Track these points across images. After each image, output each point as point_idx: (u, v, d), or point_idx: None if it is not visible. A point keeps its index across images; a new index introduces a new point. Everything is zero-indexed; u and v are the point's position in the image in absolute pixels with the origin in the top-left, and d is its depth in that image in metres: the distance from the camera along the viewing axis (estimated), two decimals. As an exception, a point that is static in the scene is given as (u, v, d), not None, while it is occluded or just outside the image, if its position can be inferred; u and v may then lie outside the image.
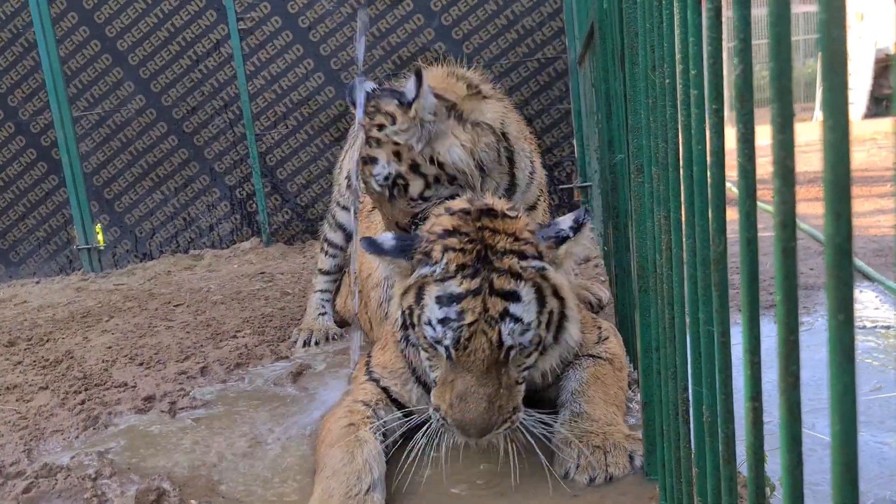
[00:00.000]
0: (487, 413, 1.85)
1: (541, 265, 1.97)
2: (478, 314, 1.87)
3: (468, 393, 1.86)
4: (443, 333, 1.88)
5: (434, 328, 1.90)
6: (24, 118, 6.24)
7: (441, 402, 1.93)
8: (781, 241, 0.68)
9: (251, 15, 6.03)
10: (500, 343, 1.88)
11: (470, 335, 1.87)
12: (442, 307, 1.90)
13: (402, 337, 2.11)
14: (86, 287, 5.71)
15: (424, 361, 2.04)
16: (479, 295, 1.89)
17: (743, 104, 0.80)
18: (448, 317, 1.88)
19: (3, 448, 2.49)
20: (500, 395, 1.91)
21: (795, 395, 0.71)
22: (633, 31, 1.77)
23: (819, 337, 2.83)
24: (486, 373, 1.88)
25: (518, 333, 1.90)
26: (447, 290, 1.91)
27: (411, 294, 2.01)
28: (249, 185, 6.30)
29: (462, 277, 1.91)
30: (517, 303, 1.90)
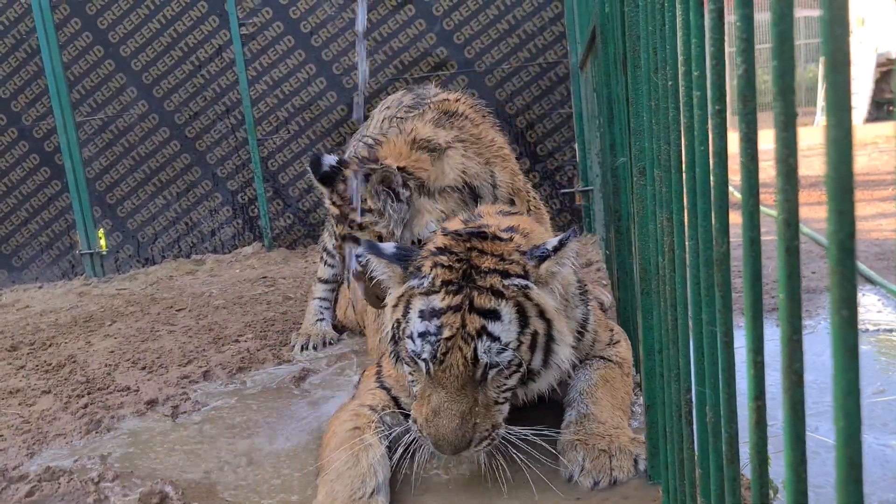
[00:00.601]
0: (460, 430, 1.86)
1: (524, 283, 1.97)
2: (455, 329, 1.90)
3: (441, 409, 1.88)
4: (421, 347, 1.92)
5: (414, 342, 1.94)
6: (27, 123, 6.26)
7: (418, 416, 1.95)
8: (785, 239, 0.68)
9: (253, 20, 6.05)
10: (475, 360, 1.89)
11: (446, 350, 1.89)
12: (423, 321, 1.94)
13: (392, 352, 2.12)
14: (88, 292, 5.72)
15: (408, 375, 2.06)
16: (459, 311, 1.91)
17: (746, 104, 0.81)
18: (428, 331, 1.91)
19: (6, 452, 2.50)
20: (475, 412, 1.91)
21: (799, 393, 0.71)
22: (636, 34, 1.77)
23: (821, 340, 2.83)
24: (460, 390, 1.90)
25: (495, 352, 1.90)
26: (430, 304, 1.95)
27: (400, 306, 2.04)
28: (251, 190, 6.31)
29: (445, 293, 1.94)
30: (496, 321, 1.91)
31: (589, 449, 1.96)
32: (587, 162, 5.76)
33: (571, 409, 2.17)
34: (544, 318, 1.99)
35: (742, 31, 0.79)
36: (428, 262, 2.03)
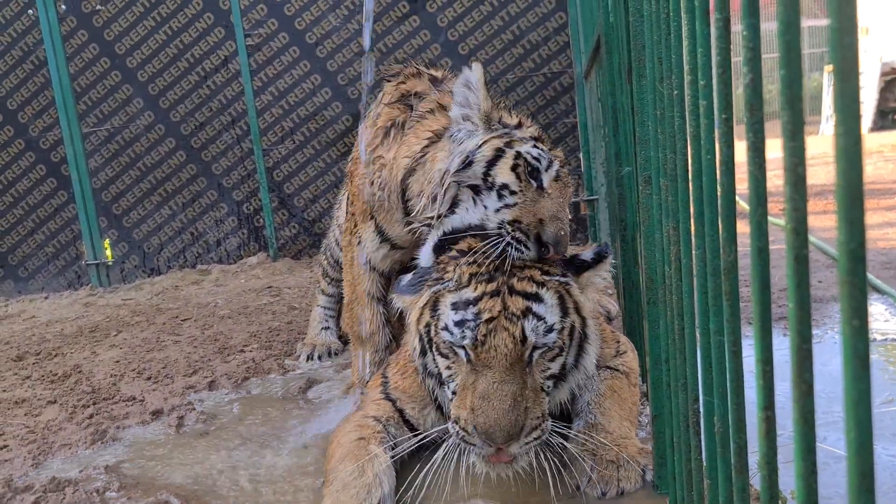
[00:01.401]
0: (513, 412, 1.76)
1: (564, 279, 2.00)
2: (497, 312, 1.87)
3: (490, 392, 1.78)
4: (461, 334, 1.88)
5: (451, 332, 1.90)
6: (34, 135, 6.30)
7: (461, 410, 1.85)
8: (794, 248, 0.68)
9: (259, 31, 6.08)
10: (523, 339, 1.85)
11: (488, 332, 1.85)
12: (458, 311, 1.91)
13: (421, 365, 2.09)
14: (94, 302, 5.73)
15: (444, 371, 1.98)
16: (498, 296, 1.91)
17: (752, 113, 0.81)
18: (465, 318, 1.89)
19: (12, 462, 2.49)
20: (526, 395, 1.83)
21: (809, 403, 0.70)
22: (640, 43, 1.78)
23: (830, 350, 2.82)
24: (509, 370, 1.82)
25: (542, 332, 1.88)
26: (462, 296, 1.94)
27: (426, 312, 2.02)
28: (257, 200, 6.33)
29: (476, 283, 1.94)
30: (539, 303, 1.92)
31: (597, 459, 1.95)
32: (592, 171, 5.76)
33: (579, 420, 2.16)
34: (580, 314, 2.01)
35: (748, 41, 0.79)
36: (449, 266, 2.05)
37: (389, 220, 2.76)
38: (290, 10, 6.03)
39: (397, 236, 2.79)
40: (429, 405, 2.28)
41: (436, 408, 2.29)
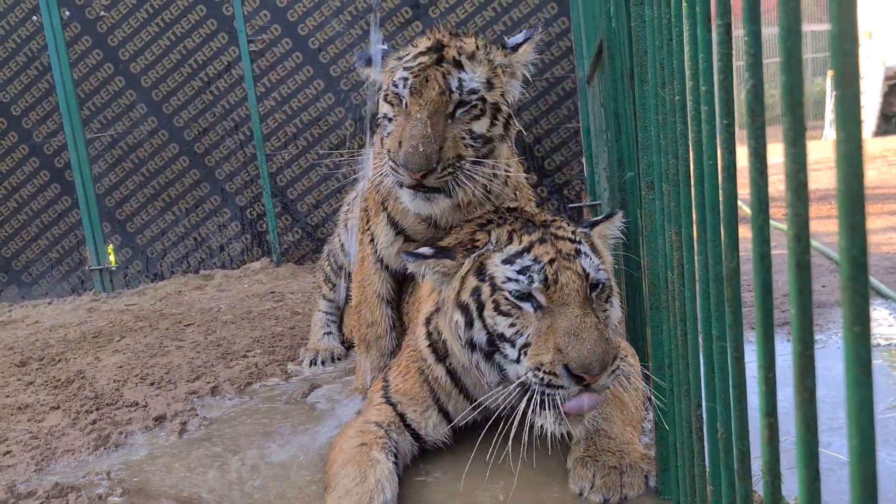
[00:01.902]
0: (602, 341, 1.79)
1: (585, 230, 2.13)
2: (554, 254, 1.93)
3: (577, 326, 1.80)
4: (528, 279, 1.90)
5: (517, 282, 1.91)
6: (38, 140, 6.32)
7: (544, 355, 1.83)
8: (795, 254, 0.68)
9: (262, 37, 6.10)
10: (585, 274, 1.91)
11: (555, 271, 1.89)
12: (514, 263, 1.94)
13: (465, 339, 2.04)
14: (97, 307, 5.74)
15: (507, 330, 1.93)
16: (546, 242, 1.97)
17: (754, 119, 0.81)
18: (526, 265, 1.92)
19: (15, 468, 2.50)
20: (604, 328, 1.86)
21: (812, 409, 0.70)
22: (643, 49, 1.78)
23: (833, 355, 2.81)
24: (584, 304, 1.87)
25: (595, 269, 1.95)
26: (510, 251, 1.98)
27: (470, 278, 2.02)
28: (260, 206, 6.33)
29: (519, 237, 2.01)
30: (582, 246, 2.01)
31: (599, 465, 1.95)
32: (595, 176, 5.76)
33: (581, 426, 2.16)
34: (606, 269, 2.07)
35: (750, 47, 0.79)
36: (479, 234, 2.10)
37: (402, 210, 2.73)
38: (293, 15, 6.05)
39: (410, 226, 2.78)
40: (430, 407, 2.29)
41: (439, 411, 2.29)
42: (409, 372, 2.36)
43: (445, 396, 2.28)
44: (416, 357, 2.34)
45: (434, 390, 2.28)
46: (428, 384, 2.29)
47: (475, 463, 2.23)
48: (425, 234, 2.79)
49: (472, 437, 2.38)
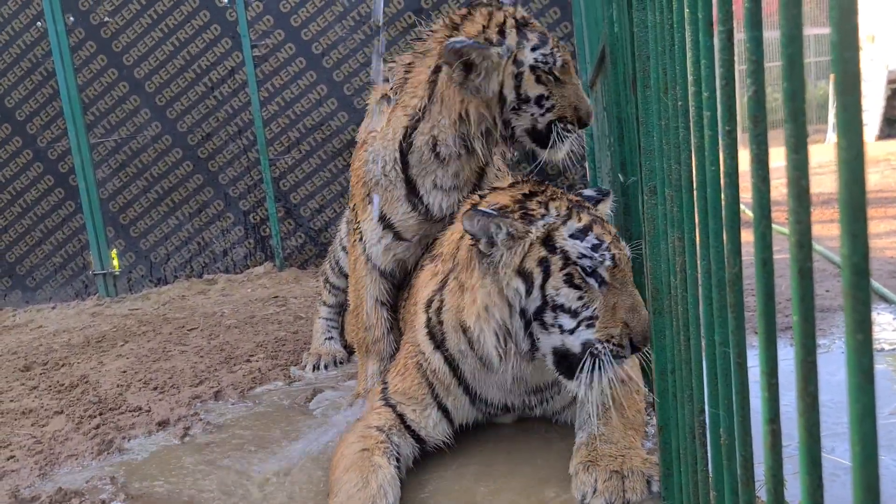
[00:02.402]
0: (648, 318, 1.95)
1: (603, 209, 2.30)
2: (611, 237, 2.05)
3: (637, 304, 2.00)
4: (601, 256, 2.01)
5: (591, 258, 2.01)
6: (42, 145, 6.34)
7: (612, 329, 1.99)
8: (798, 261, 0.68)
9: (265, 42, 6.12)
10: (628, 256, 2.09)
11: (616, 253, 2.02)
12: (583, 240, 2.03)
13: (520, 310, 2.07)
14: (101, 312, 5.75)
15: (575, 303, 2.01)
16: (599, 224, 2.08)
17: (756, 125, 0.81)
18: (595, 243, 2.02)
19: (19, 472, 2.50)
20: None
21: (814, 416, 0.70)
22: (645, 54, 1.78)
23: (836, 359, 2.81)
24: (633, 284, 2.05)
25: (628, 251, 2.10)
26: (575, 226, 2.06)
27: (537, 248, 2.05)
28: (263, 210, 6.34)
29: (577, 215, 2.09)
30: None
31: (601, 470, 1.95)
32: (597, 180, 5.76)
33: (582, 432, 2.16)
34: None
35: (752, 53, 0.79)
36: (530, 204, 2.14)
37: (391, 200, 2.74)
38: (296, 20, 6.07)
39: (400, 221, 2.76)
40: (429, 406, 2.29)
41: (438, 408, 2.29)
42: (406, 369, 2.36)
43: (444, 391, 2.28)
44: (414, 352, 2.35)
45: (432, 385, 2.29)
46: (426, 379, 2.30)
47: (477, 465, 2.23)
48: (416, 230, 2.79)
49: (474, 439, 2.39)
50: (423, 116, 2.62)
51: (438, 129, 2.61)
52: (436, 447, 2.31)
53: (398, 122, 2.67)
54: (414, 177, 2.70)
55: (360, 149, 2.89)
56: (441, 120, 2.59)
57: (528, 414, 2.45)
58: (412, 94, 2.66)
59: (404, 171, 2.70)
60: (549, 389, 2.34)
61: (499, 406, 2.35)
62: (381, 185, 2.76)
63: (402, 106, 2.68)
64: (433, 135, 2.62)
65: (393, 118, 2.70)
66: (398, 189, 2.72)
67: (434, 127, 2.61)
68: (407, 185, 2.72)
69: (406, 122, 2.65)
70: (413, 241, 2.83)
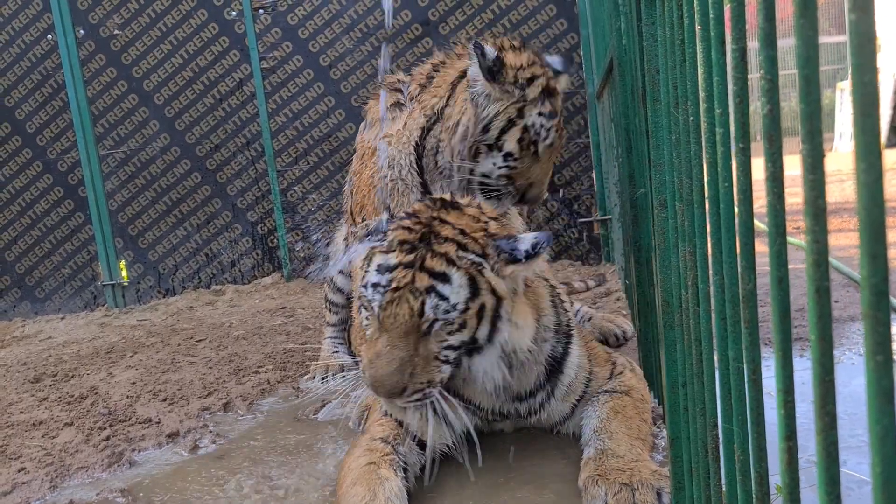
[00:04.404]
0: (397, 374, 1.97)
1: (478, 260, 2.04)
2: (404, 284, 2.00)
3: (382, 353, 1.99)
4: (372, 296, 2.04)
5: (367, 290, 2.06)
6: (52, 157, 6.38)
7: (364, 357, 2.07)
8: (814, 280, 0.68)
9: (273, 54, 6.15)
10: (421, 313, 1.99)
11: (392, 300, 2.00)
12: (378, 274, 2.05)
13: (360, 306, 2.21)
14: (110, 323, 5.77)
15: (364, 321, 2.15)
16: (411, 268, 2.02)
17: (771, 143, 0.81)
18: (379, 283, 2.03)
19: (30, 485, 2.51)
20: (414, 362, 2.00)
21: (833, 435, 0.70)
22: (655, 68, 1.78)
23: (848, 370, 2.79)
24: (402, 337, 2.00)
25: (441, 311, 1.99)
26: (385, 261, 2.07)
27: (364, 265, 2.18)
28: (271, 221, 6.36)
29: (400, 251, 2.06)
30: (445, 283, 2.00)
31: (610, 483, 1.94)
32: (605, 191, 5.76)
33: (588, 447, 2.16)
34: (495, 294, 2.05)
35: (766, 72, 0.80)
36: (394, 225, 2.17)
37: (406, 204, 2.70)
38: (304, 33, 6.11)
39: None
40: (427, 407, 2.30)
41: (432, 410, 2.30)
42: None
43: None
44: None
45: None
46: None
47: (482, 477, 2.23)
48: None
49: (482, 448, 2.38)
50: (439, 117, 2.64)
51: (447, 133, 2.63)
52: (442, 453, 2.31)
53: (415, 122, 2.69)
54: (428, 182, 2.71)
55: (369, 157, 2.89)
56: (447, 122, 2.61)
57: (523, 423, 2.45)
58: (434, 93, 2.69)
59: (420, 174, 2.70)
60: (533, 398, 2.33)
61: (491, 412, 2.36)
62: (397, 190, 2.75)
63: (421, 106, 2.70)
64: (438, 139, 2.64)
65: (410, 120, 2.71)
66: (414, 194, 2.72)
67: (443, 131, 2.63)
68: (423, 190, 2.72)
69: (423, 122, 2.67)
70: None
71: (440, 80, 2.71)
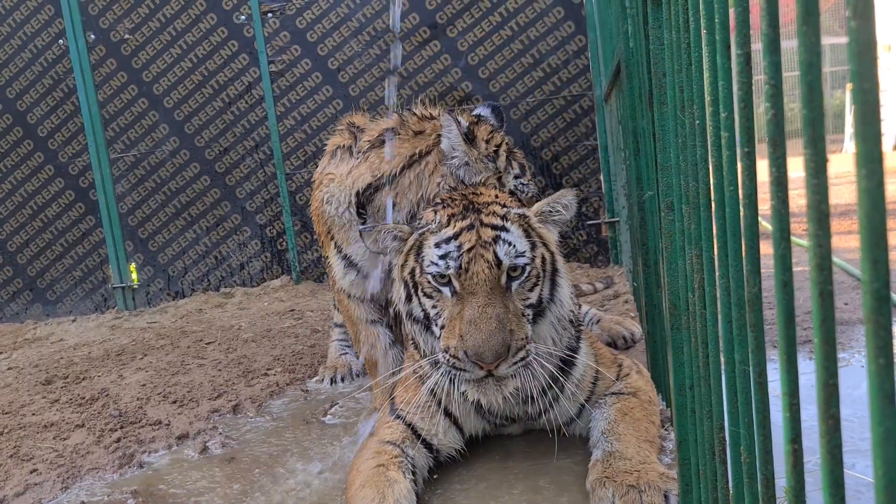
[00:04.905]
0: (500, 333, 1.92)
1: (522, 211, 2.19)
2: (474, 242, 2.04)
3: (477, 317, 1.94)
4: (445, 265, 2.03)
5: (437, 264, 2.05)
6: (64, 160, 6.43)
7: (451, 340, 2.00)
8: (818, 284, 0.69)
9: (282, 58, 6.18)
10: (497, 262, 2.02)
11: (470, 259, 2.01)
12: (441, 247, 2.07)
13: (406, 312, 2.21)
14: (120, 325, 5.81)
15: (431, 311, 2.12)
16: (473, 229, 2.07)
17: (776, 148, 0.82)
18: (447, 251, 2.05)
19: (42, 486, 2.53)
20: (510, 318, 1.99)
21: (836, 438, 0.71)
22: (661, 71, 1.79)
23: (857, 373, 2.78)
24: (490, 293, 1.99)
25: (513, 255, 2.04)
26: (443, 235, 2.10)
27: (411, 257, 2.18)
28: (280, 224, 6.39)
29: (454, 222, 2.11)
30: (506, 232, 2.08)
31: (618, 485, 1.94)
32: (613, 193, 5.76)
33: (596, 449, 2.16)
34: (548, 248, 2.18)
35: (771, 77, 0.80)
36: (429, 210, 2.23)
37: (348, 240, 2.88)
38: (312, 36, 6.13)
39: (361, 259, 2.88)
40: (436, 413, 2.31)
41: (445, 414, 2.31)
42: (409, 381, 2.40)
43: (446, 397, 2.30)
44: (412, 363, 2.39)
45: (434, 391, 2.30)
46: (429, 387, 2.31)
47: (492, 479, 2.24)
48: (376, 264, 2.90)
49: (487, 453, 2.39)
50: (389, 182, 2.77)
51: (400, 199, 2.74)
52: (449, 457, 2.33)
53: (362, 177, 2.80)
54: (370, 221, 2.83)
55: (316, 189, 3.06)
56: (407, 195, 2.72)
57: (532, 425, 2.45)
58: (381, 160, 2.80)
59: (359, 214, 2.83)
60: (541, 398, 2.33)
61: (501, 415, 2.36)
62: (336, 224, 2.91)
63: (370, 164, 2.82)
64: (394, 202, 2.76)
65: (356, 171, 2.83)
66: (354, 230, 2.85)
67: (399, 195, 2.75)
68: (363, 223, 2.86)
69: (370, 179, 2.78)
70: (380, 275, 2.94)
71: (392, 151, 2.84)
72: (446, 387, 2.07)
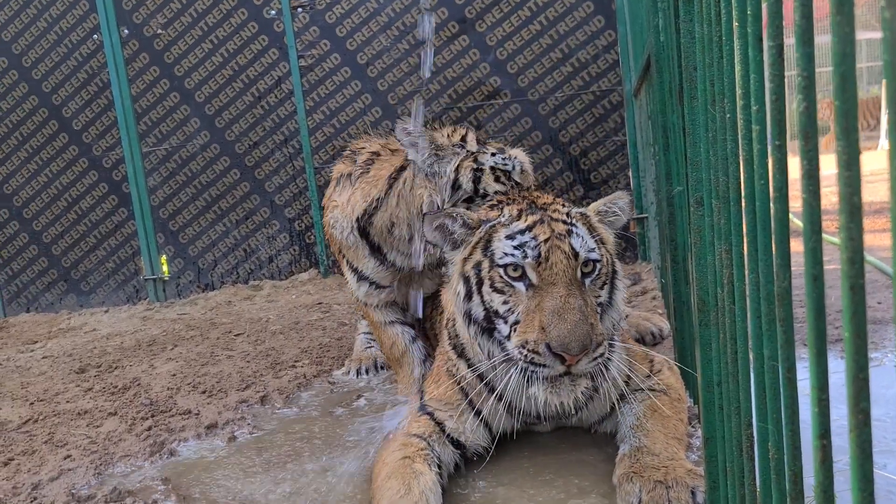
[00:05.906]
0: (584, 324, 1.89)
1: (583, 210, 2.24)
2: (549, 234, 2.05)
3: (562, 307, 1.91)
4: (522, 254, 2.02)
5: (513, 255, 2.04)
6: (97, 154, 6.54)
7: (529, 334, 1.96)
8: (849, 277, 0.68)
9: (311, 52, 6.22)
10: (575, 253, 2.02)
11: (548, 249, 2.01)
12: (515, 238, 2.07)
13: (464, 312, 2.16)
14: (151, 316, 5.90)
15: (501, 307, 2.08)
16: (544, 223, 2.08)
17: (807, 140, 0.81)
18: (524, 241, 2.04)
19: (75, 472, 2.59)
20: (590, 311, 1.98)
21: (866, 432, 0.70)
22: (692, 65, 1.77)
23: (889, 373, 2.74)
24: (570, 285, 1.98)
25: (587, 249, 2.05)
26: (515, 228, 2.10)
27: (478, 250, 2.16)
28: (308, 218, 6.44)
29: (525, 216, 2.12)
30: (576, 227, 2.11)
31: (645, 481, 1.94)
32: (641, 189, 5.72)
33: (624, 444, 2.15)
34: (607, 249, 2.20)
35: (803, 69, 0.80)
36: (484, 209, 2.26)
37: (358, 258, 3.02)
38: (341, 31, 6.16)
39: (372, 273, 3.02)
40: (465, 411, 2.30)
41: (473, 412, 2.30)
42: (440, 377, 2.41)
43: (477, 397, 2.30)
44: (444, 360, 2.40)
45: (465, 391, 2.31)
46: (459, 386, 2.32)
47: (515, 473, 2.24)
48: (391, 280, 3.05)
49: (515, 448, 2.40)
50: (379, 206, 2.87)
51: (395, 217, 2.84)
52: (476, 454, 2.33)
53: (358, 204, 2.93)
54: (375, 240, 2.96)
55: (325, 214, 3.21)
56: (398, 212, 2.82)
57: (564, 423, 2.45)
58: (373, 184, 2.91)
59: (364, 235, 2.96)
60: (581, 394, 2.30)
61: (533, 414, 2.34)
62: (345, 245, 3.05)
63: (362, 191, 2.94)
64: (391, 221, 2.86)
65: (353, 198, 2.96)
66: (361, 249, 2.99)
67: (392, 215, 2.85)
68: (370, 245, 2.98)
69: (364, 206, 2.90)
70: (392, 287, 3.08)
71: (377, 174, 2.95)
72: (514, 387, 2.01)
